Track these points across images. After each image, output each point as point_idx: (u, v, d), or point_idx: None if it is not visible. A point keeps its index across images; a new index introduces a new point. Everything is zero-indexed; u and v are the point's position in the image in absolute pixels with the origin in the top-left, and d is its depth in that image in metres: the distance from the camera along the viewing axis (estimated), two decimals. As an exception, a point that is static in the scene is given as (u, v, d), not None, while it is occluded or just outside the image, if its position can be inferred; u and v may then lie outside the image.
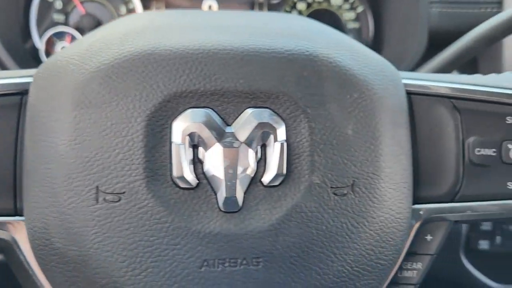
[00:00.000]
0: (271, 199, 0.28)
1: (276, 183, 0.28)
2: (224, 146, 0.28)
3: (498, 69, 0.65)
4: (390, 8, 0.73)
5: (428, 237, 0.35)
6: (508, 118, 0.33)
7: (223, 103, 0.29)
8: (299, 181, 0.29)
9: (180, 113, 0.28)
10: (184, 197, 0.28)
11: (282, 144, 0.28)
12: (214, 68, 0.28)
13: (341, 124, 0.29)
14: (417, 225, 0.34)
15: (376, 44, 0.76)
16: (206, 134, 0.28)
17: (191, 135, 0.28)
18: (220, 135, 0.28)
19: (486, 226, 0.66)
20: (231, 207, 0.28)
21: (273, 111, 0.29)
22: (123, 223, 0.27)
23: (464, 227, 0.67)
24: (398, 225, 0.32)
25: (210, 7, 0.76)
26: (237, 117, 0.29)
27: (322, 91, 0.29)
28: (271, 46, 0.30)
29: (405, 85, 0.34)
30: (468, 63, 0.56)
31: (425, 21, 0.66)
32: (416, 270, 0.35)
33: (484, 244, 0.66)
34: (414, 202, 0.33)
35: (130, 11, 0.73)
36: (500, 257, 0.67)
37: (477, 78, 0.36)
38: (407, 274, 0.35)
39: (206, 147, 0.28)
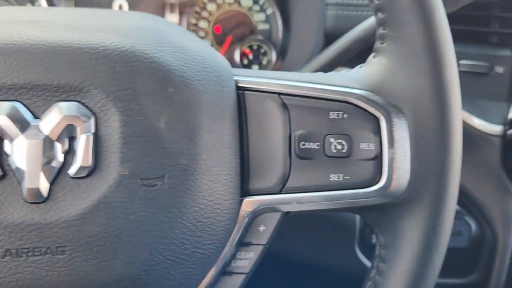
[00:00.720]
0: (78, 190, 0.29)
1: (83, 174, 0.29)
2: (28, 138, 0.29)
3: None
4: (294, 10, 0.75)
5: (261, 228, 0.36)
6: (331, 113, 0.35)
7: (33, 96, 0.29)
8: (107, 173, 0.30)
9: None
10: None
11: (88, 137, 0.29)
12: (24, 61, 0.29)
13: (153, 118, 0.30)
14: (248, 216, 0.35)
15: (284, 44, 0.78)
16: (10, 126, 0.28)
17: None
18: (24, 128, 0.29)
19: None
20: (35, 198, 0.28)
21: (83, 104, 0.30)
22: None
23: (358, 222, 0.69)
24: (218, 216, 0.33)
25: (120, 6, 0.76)
26: (46, 111, 0.29)
27: (135, 86, 0.30)
28: (86, 41, 0.31)
29: (237, 81, 0.35)
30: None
31: (322, 23, 0.68)
32: (248, 260, 0.36)
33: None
34: (245, 194, 0.35)
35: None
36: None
37: (307, 75, 0.37)
38: (240, 263, 0.36)
39: (10, 140, 0.29)
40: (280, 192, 0.35)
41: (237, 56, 0.77)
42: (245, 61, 0.77)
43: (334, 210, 0.36)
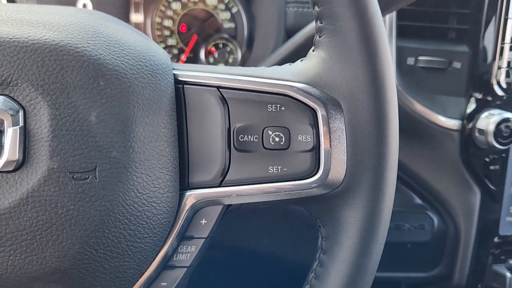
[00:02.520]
0: (6, 184, 0.29)
1: (10, 168, 0.29)
2: None
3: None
4: (258, 8, 0.75)
5: (203, 221, 0.36)
6: (269, 106, 0.35)
7: None
8: (37, 167, 0.29)
9: None
10: None
11: (15, 131, 0.29)
12: None
13: (84, 111, 0.30)
14: (188, 209, 0.35)
15: (249, 42, 0.78)
16: None
17: None
18: None
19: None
20: None
21: (11, 98, 0.30)
22: None
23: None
24: (154, 209, 0.33)
25: (84, 5, 0.76)
26: None
27: (65, 79, 0.30)
28: (15, 35, 0.31)
29: (176, 75, 0.35)
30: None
31: (283, 20, 0.69)
32: (189, 253, 0.36)
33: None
34: (185, 188, 0.35)
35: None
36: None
37: (248, 69, 0.38)
38: (182, 257, 0.36)
39: None
40: (220, 185, 0.35)
41: (202, 55, 0.77)
42: (211, 59, 0.77)
43: (275, 203, 0.37)
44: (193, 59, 0.77)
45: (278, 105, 0.35)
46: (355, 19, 0.34)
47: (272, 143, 0.35)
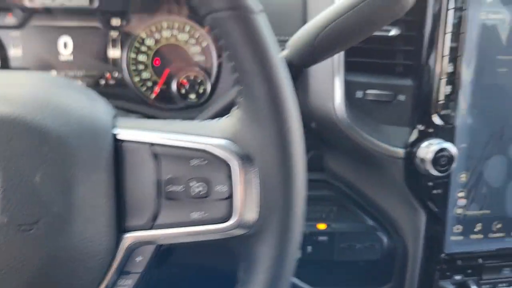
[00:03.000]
0: None
1: None
2: None
3: (305, 99, 0.75)
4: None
5: (138, 259, 0.43)
6: (192, 160, 0.42)
7: None
8: None
9: None
10: None
11: None
12: None
13: (29, 174, 0.37)
14: (125, 249, 0.42)
15: (218, 73, 0.85)
16: None
17: None
18: None
19: (298, 237, 0.75)
20: None
21: None
22: None
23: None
24: (94, 251, 0.40)
25: (65, 44, 0.83)
26: None
27: (14, 147, 0.37)
28: None
29: (115, 134, 0.42)
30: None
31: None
32: (127, 286, 0.43)
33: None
34: (123, 231, 0.42)
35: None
36: (313, 263, 0.77)
37: (179, 125, 0.44)
38: (120, 290, 0.43)
39: None
40: (151, 228, 0.42)
41: (174, 86, 0.84)
42: (183, 91, 0.84)
43: (200, 243, 0.43)
44: (166, 90, 0.84)
45: (200, 159, 0.42)
46: (263, 85, 0.40)
47: (195, 193, 0.41)
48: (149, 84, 0.84)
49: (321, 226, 0.76)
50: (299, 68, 0.57)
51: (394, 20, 0.51)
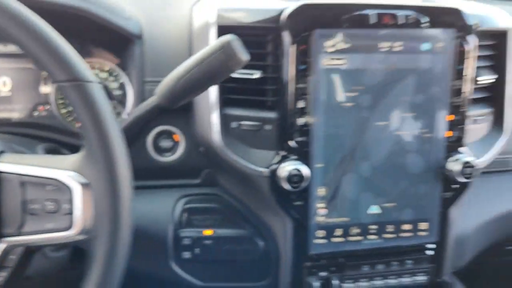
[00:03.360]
0: None
1: None
2: None
3: (195, 129, 0.91)
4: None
5: (12, 257, 0.60)
6: (47, 186, 0.59)
7: None
8: None
9: None
10: None
11: None
12: None
13: None
14: (2, 250, 0.59)
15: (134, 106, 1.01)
16: None
17: None
18: None
19: (187, 241, 0.92)
20: None
21: None
22: None
23: (170, 242, 0.92)
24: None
25: (4, 82, 1.00)
26: None
27: None
28: None
29: None
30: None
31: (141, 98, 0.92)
32: (2, 277, 0.60)
33: (186, 254, 0.92)
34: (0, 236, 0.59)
35: None
36: (202, 262, 0.93)
37: (42, 159, 0.61)
38: (-3, 279, 0.60)
39: None
40: (19, 235, 0.59)
41: (95, 117, 1.00)
42: (103, 120, 1.01)
43: (54, 246, 0.60)
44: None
45: (53, 186, 0.59)
46: (97, 137, 0.57)
47: (48, 209, 0.58)
48: (75, 115, 1.02)
49: (208, 232, 0.92)
50: (166, 108, 0.73)
51: (232, 73, 0.68)
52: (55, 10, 0.84)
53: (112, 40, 0.96)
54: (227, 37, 0.64)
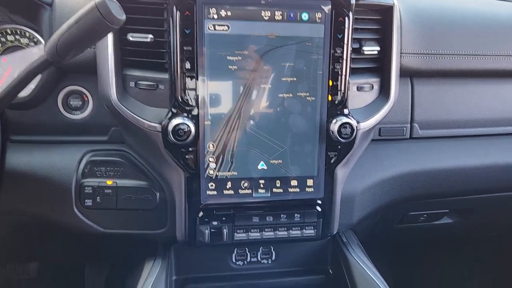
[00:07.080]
0: None
1: None
2: None
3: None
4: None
5: None
6: None
7: None
8: None
9: None
10: None
11: None
12: None
13: None
14: None
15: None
16: None
17: None
18: None
19: (89, 190, 1.02)
20: None
21: None
22: None
23: (74, 191, 1.02)
24: None
25: None
26: None
27: None
28: None
29: None
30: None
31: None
32: None
33: (88, 202, 1.02)
34: None
35: None
36: (103, 209, 1.03)
37: None
38: None
39: None
40: None
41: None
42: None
43: None
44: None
45: None
46: None
47: None
48: (-3, 76, 1.10)
49: (109, 182, 1.02)
50: (56, 63, 0.81)
51: (111, 31, 0.77)
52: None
53: (27, 8, 1.04)
54: None
